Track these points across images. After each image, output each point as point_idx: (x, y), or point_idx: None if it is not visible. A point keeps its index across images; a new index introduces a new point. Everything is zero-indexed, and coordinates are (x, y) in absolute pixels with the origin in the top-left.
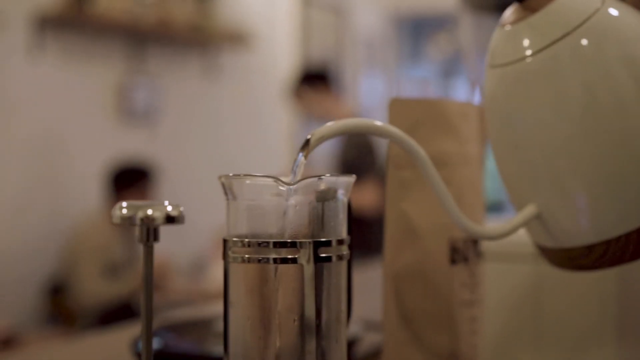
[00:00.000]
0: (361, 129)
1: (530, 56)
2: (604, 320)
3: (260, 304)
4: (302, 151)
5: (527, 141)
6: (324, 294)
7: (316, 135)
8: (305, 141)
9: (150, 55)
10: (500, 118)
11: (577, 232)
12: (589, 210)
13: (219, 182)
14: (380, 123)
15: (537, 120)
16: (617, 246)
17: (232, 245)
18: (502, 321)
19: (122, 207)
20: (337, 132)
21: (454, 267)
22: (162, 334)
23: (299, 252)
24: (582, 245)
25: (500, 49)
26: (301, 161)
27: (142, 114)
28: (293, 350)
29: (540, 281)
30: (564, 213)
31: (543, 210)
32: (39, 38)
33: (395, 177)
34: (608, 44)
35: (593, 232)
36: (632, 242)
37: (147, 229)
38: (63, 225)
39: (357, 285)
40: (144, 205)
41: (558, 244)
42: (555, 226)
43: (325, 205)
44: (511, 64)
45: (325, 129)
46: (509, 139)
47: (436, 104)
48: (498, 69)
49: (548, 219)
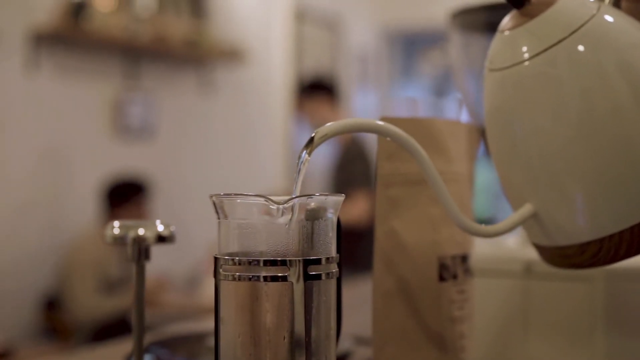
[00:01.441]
0: (363, 128)
1: (528, 60)
2: (592, 333)
3: (251, 321)
4: (306, 149)
5: (524, 143)
6: (314, 311)
7: (320, 133)
8: (310, 139)
9: (146, 71)
10: (499, 120)
11: (572, 231)
12: (584, 209)
13: (210, 201)
14: (381, 122)
15: (535, 122)
16: (610, 244)
17: (223, 263)
18: (491, 336)
19: (114, 227)
20: (339, 131)
21: (443, 284)
22: (155, 350)
23: (289, 270)
24: (577, 243)
25: (499, 54)
26: (305, 158)
27: (137, 129)
28: None
29: (529, 296)
30: (560, 212)
31: (539, 209)
32: (35, 54)
33: (385, 195)
34: (603, 49)
35: (587, 231)
36: (625, 240)
37: (139, 248)
38: (59, 240)
39: (347, 301)
40: (136, 225)
41: (553, 243)
42: (551, 225)
43: (314, 224)
44: (509, 67)
45: (328, 127)
46: (507, 140)
47: (425, 122)
48: (497, 73)
49: (544, 217)
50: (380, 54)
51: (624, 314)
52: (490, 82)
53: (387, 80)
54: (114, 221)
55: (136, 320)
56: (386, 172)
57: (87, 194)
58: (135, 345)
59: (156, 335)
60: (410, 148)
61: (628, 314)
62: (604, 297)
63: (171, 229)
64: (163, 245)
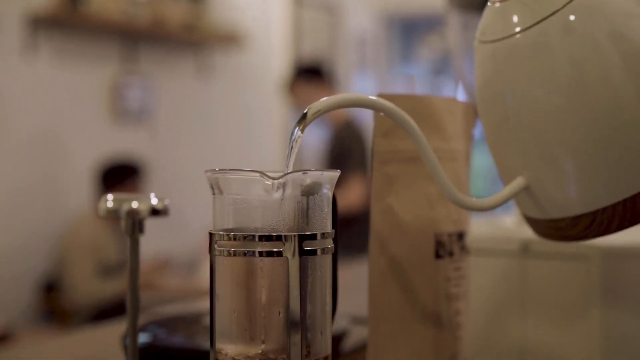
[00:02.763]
0: (356, 103)
1: (521, 32)
2: (589, 311)
3: (246, 296)
4: (298, 125)
5: (516, 115)
6: (309, 287)
7: (313, 109)
8: (302, 115)
9: (144, 55)
10: (491, 92)
11: (565, 203)
12: (576, 181)
13: (206, 177)
14: (374, 97)
15: (526, 94)
16: (603, 217)
17: (218, 238)
18: (487, 313)
19: (107, 199)
20: (332, 106)
21: (439, 261)
22: (152, 329)
23: (284, 246)
24: (569, 216)
25: (490, 26)
26: (298, 135)
27: (135, 113)
28: (278, 342)
29: (526, 275)
30: (552, 184)
31: (531, 182)
32: (32, 38)
33: (381, 173)
34: (596, 20)
35: (580, 203)
36: (617, 213)
37: (133, 221)
38: (57, 224)
39: (345, 281)
40: (129, 198)
41: (545, 215)
42: (543, 197)
43: (310, 199)
44: (501, 40)
45: (321, 103)
46: (498, 112)
47: (422, 100)
48: (488, 45)
49: (536, 190)
50: (379, 38)
51: (621, 292)
52: (481, 54)
53: (385, 65)
54: (108, 194)
55: (131, 296)
56: (382, 149)
57: (85, 177)
58: (130, 320)
59: (153, 316)
60: (403, 122)
61: (625, 293)
62: (601, 276)
63: (165, 203)
64: (157, 218)
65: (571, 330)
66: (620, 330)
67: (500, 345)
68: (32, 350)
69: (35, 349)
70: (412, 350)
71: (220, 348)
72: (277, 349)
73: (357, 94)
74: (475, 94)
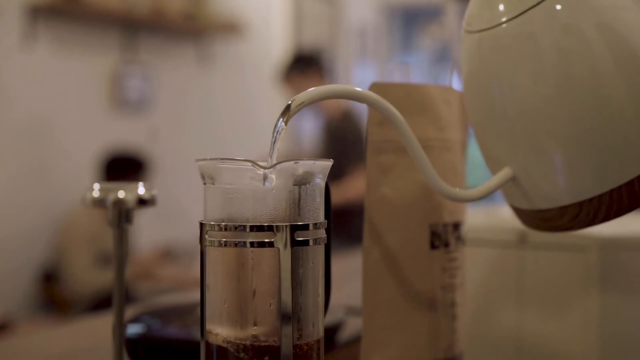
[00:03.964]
0: (341, 95)
1: (506, 22)
2: (586, 302)
3: (237, 287)
4: (282, 117)
5: (503, 105)
6: (301, 278)
7: (297, 100)
8: (286, 107)
9: (144, 44)
10: (477, 82)
11: (551, 194)
12: (563, 172)
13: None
14: (359, 89)
15: (513, 84)
16: (590, 207)
17: (208, 229)
18: (484, 304)
19: (94, 189)
20: (317, 98)
21: (435, 252)
22: (146, 320)
23: (275, 236)
24: (556, 206)
25: (476, 15)
26: (282, 127)
27: (135, 102)
28: (269, 333)
29: (523, 266)
30: (539, 175)
31: (518, 173)
32: (32, 27)
33: (376, 162)
34: (583, 11)
35: (567, 194)
36: (604, 203)
37: (119, 211)
38: (55, 214)
39: (341, 272)
40: (116, 188)
41: (533, 206)
42: (530, 188)
43: (302, 189)
44: (487, 29)
45: (306, 94)
46: (485, 103)
47: (417, 88)
48: (474, 35)
49: (523, 181)
50: (379, 28)
51: (618, 283)
52: (468, 44)
53: (386, 55)
54: (95, 184)
55: (117, 287)
56: (377, 139)
57: (84, 167)
58: (116, 310)
59: (148, 306)
60: (387, 113)
61: (623, 283)
62: (599, 266)
63: (153, 192)
64: (145, 208)
65: (568, 321)
66: (617, 321)
67: (497, 336)
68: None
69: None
70: (407, 342)
71: (211, 329)
72: (268, 340)
73: (343, 85)
74: (462, 84)
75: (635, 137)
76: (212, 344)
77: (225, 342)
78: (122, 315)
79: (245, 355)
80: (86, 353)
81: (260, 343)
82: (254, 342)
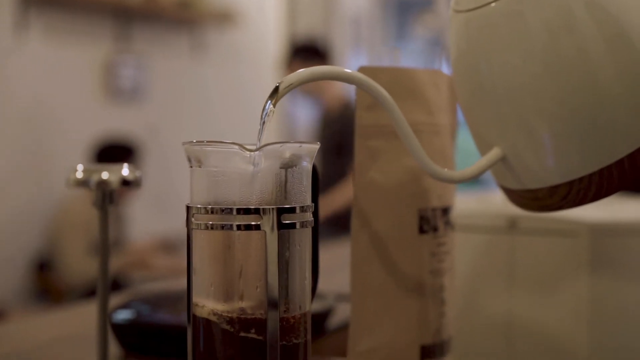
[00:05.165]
0: (330, 76)
1: (494, 1)
2: (577, 286)
3: (223, 271)
4: (270, 99)
5: (491, 84)
6: (288, 261)
7: (286, 82)
8: (274, 89)
9: (137, 33)
10: (466, 62)
11: (541, 174)
12: (553, 151)
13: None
14: (348, 70)
15: (502, 63)
16: (580, 187)
17: (195, 212)
18: (473, 289)
19: (77, 170)
20: (305, 79)
21: (423, 236)
22: (136, 306)
23: (262, 219)
24: (546, 186)
25: None
26: (270, 109)
27: (129, 92)
28: (256, 307)
29: (513, 251)
30: (529, 155)
31: (508, 153)
32: (24, 16)
33: (364, 147)
34: None
35: (557, 173)
36: (594, 183)
37: (103, 192)
38: (49, 202)
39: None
40: (100, 169)
41: (523, 186)
42: (520, 168)
43: (288, 172)
44: (475, 9)
45: (294, 76)
46: (474, 82)
47: (406, 72)
48: (463, 14)
49: (513, 161)
50: (373, 16)
51: (608, 268)
52: (456, 23)
53: (380, 43)
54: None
55: (101, 267)
56: (365, 123)
57: (77, 156)
58: (100, 295)
59: (138, 292)
60: (377, 95)
61: (612, 268)
62: (589, 251)
63: (136, 174)
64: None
65: (558, 306)
66: (607, 305)
67: (487, 321)
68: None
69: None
70: (395, 326)
71: (198, 301)
72: (255, 305)
73: (333, 67)
74: (451, 65)
75: (624, 115)
76: (198, 317)
77: (212, 315)
78: (107, 298)
79: (232, 328)
80: (75, 339)
81: (247, 316)
82: (241, 314)
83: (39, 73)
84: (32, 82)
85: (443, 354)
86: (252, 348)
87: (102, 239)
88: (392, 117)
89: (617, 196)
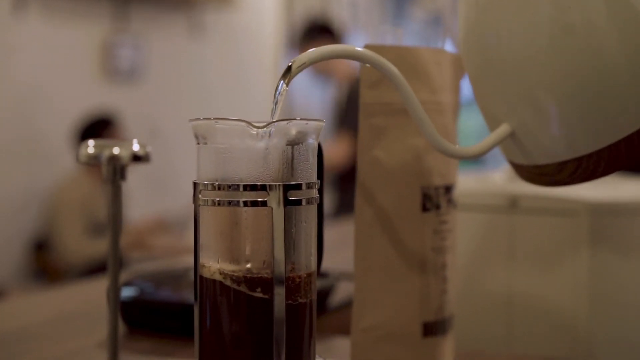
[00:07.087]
0: (342, 54)
1: None
2: (576, 264)
3: (230, 247)
4: (283, 79)
5: (500, 60)
6: (294, 237)
7: (298, 61)
8: (287, 68)
9: (135, 13)
10: (474, 38)
11: (550, 149)
12: (562, 127)
13: (191, 126)
14: (358, 48)
15: (510, 38)
16: (589, 162)
17: (202, 188)
18: (475, 267)
19: (88, 145)
20: (317, 58)
21: (426, 214)
22: (138, 283)
23: (268, 195)
24: (555, 162)
25: None
26: (283, 88)
27: (126, 72)
28: (262, 267)
29: (514, 230)
30: (538, 130)
31: (517, 129)
32: None
33: (368, 124)
34: None
35: (565, 149)
36: (603, 158)
37: (114, 167)
38: (46, 182)
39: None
40: (111, 144)
41: (531, 162)
42: (529, 144)
43: (295, 149)
44: None
45: (306, 55)
46: (483, 58)
47: (409, 51)
48: None
49: (521, 137)
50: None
51: (608, 246)
52: None
53: (378, 26)
54: (89, 140)
55: (111, 243)
56: (369, 101)
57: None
58: (111, 269)
59: (140, 271)
60: (388, 72)
61: (612, 247)
62: (588, 230)
63: (147, 149)
64: (139, 164)
65: (558, 283)
66: (606, 282)
67: (488, 298)
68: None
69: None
70: (397, 303)
71: (204, 262)
72: (261, 266)
73: (344, 45)
74: (460, 41)
75: (631, 91)
76: (205, 277)
77: (219, 274)
78: (118, 274)
79: (239, 287)
80: (79, 316)
81: (253, 275)
82: (247, 274)
83: (37, 52)
84: (30, 61)
85: (445, 331)
86: (258, 306)
87: (113, 215)
88: (402, 95)
89: (617, 176)
